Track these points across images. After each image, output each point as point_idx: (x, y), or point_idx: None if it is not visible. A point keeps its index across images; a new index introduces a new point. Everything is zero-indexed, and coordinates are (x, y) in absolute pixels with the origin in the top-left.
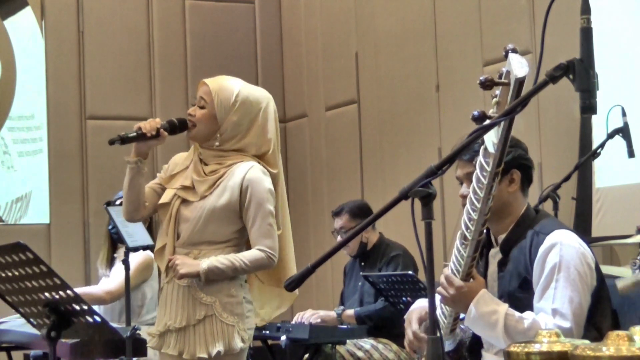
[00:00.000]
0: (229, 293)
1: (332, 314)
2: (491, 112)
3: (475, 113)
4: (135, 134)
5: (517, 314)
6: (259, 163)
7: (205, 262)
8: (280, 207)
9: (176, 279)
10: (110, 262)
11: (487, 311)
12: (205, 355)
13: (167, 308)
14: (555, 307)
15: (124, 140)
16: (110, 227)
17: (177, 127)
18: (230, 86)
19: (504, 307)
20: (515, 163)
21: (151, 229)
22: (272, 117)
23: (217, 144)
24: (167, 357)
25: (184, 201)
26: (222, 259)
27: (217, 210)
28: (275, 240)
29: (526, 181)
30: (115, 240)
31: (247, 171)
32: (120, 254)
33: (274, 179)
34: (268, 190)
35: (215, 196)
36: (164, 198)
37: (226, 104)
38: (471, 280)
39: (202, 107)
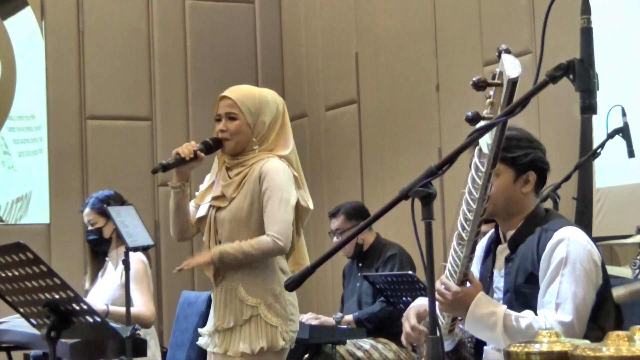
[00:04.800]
0: (274, 295)
1: (331, 320)
2: (485, 112)
3: (469, 114)
4: (174, 160)
5: (515, 313)
6: (282, 160)
7: (217, 247)
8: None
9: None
10: (94, 277)
11: (486, 313)
12: (248, 351)
13: (216, 310)
14: (558, 302)
15: (166, 167)
16: (89, 237)
17: (211, 146)
18: (249, 91)
19: (502, 308)
20: (532, 165)
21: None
22: (287, 113)
23: (255, 147)
24: (212, 356)
25: (219, 209)
26: (233, 244)
27: (246, 209)
28: (286, 226)
29: (540, 182)
30: (97, 251)
31: (264, 163)
32: (109, 264)
33: (297, 172)
34: (286, 178)
35: (242, 195)
36: (200, 212)
37: (253, 109)
38: (468, 284)
39: (232, 119)
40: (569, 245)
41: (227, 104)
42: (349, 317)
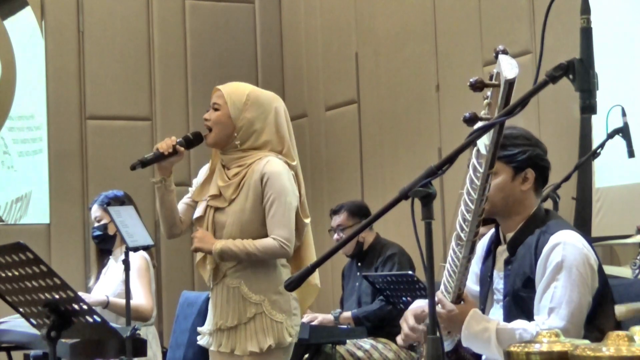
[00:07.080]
0: (277, 291)
1: (330, 317)
2: (483, 113)
3: (467, 115)
4: (153, 155)
5: (506, 326)
6: (278, 157)
7: (220, 243)
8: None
9: (192, 250)
10: (97, 274)
11: (479, 329)
12: (256, 350)
13: (217, 309)
14: (552, 306)
15: (144, 163)
16: (94, 233)
17: (192, 140)
18: (241, 87)
19: (494, 323)
20: (530, 162)
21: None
22: (283, 116)
23: (237, 142)
24: (217, 355)
25: (217, 209)
26: (236, 242)
27: (248, 211)
28: (290, 231)
29: (540, 181)
30: (102, 248)
31: (264, 165)
32: (111, 260)
33: (294, 169)
34: (287, 182)
35: (242, 197)
36: (198, 211)
37: (239, 103)
38: (462, 302)
39: (216, 110)
40: (564, 249)
41: (216, 95)
42: (347, 314)
